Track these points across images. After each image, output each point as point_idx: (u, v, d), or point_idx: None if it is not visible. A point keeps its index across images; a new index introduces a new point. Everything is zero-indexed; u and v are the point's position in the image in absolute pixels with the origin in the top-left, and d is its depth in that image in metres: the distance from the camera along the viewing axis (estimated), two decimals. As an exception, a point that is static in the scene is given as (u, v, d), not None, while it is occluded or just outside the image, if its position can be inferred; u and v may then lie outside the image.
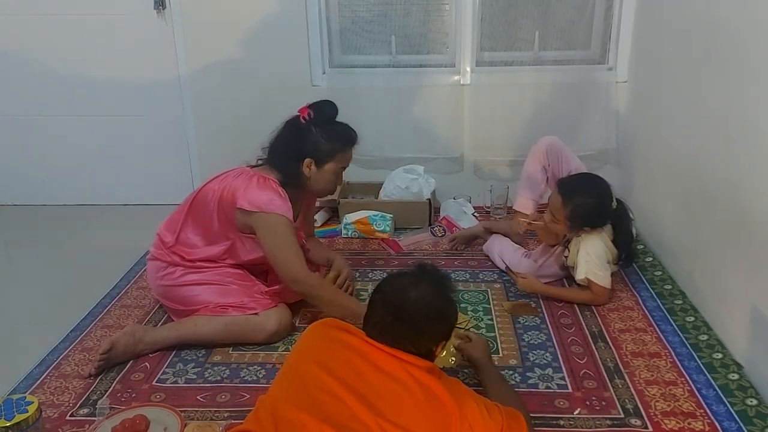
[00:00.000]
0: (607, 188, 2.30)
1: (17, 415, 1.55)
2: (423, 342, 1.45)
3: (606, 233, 2.29)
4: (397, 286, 1.49)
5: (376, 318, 1.45)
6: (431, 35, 3.16)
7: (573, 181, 2.33)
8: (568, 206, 2.24)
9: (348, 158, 2.24)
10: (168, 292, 2.19)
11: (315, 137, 2.15)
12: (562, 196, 2.25)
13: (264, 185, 2.10)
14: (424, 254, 2.77)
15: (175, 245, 2.18)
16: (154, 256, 2.22)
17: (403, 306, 1.43)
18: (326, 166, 2.18)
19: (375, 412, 1.31)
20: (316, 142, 2.15)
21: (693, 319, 2.18)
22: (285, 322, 2.12)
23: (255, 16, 3.06)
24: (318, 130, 2.16)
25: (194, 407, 1.82)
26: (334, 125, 2.21)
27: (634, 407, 1.78)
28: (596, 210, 2.25)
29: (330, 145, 2.17)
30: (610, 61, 3.12)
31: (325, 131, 2.17)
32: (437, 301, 1.47)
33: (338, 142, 2.18)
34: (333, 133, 2.18)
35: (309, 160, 2.15)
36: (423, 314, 1.44)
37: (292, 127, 2.18)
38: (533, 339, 2.13)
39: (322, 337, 1.49)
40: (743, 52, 1.96)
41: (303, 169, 2.16)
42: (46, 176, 3.42)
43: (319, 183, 2.21)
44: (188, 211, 2.19)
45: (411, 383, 1.36)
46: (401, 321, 1.42)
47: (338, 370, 1.38)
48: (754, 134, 1.88)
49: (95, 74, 3.25)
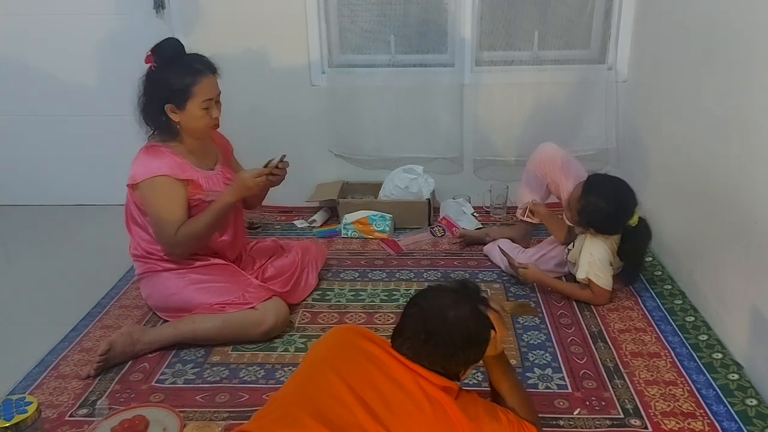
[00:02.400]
0: (630, 202, 2.25)
1: (16, 416, 1.55)
2: (452, 366, 1.43)
3: (614, 240, 2.27)
4: (435, 304, 1.43)
5: (409, 334, 1.42)
6: (431, 35, 3.15)
7: (601, 180, 2.31)
8: (582, 200, 2.22)
9: (207, 88, 2.08)
10: (165, 305, 2.20)
11: (165, 80, 2.05)
12: (584, 188, 2.24)
13: (141, 154, 2.07)
14: (424, 254, 2.77)
15: (142, 254, 2.17)
16: (139, 274, 2.23)
17: (439, 328, 1.39)
18: (187, 104, 2.06)
19: (380, 424, 1.32)
20: (167, 84, 2.05)
21: (693, 319, 2.18)
22: (282, 318, 2.12)
23: (254, 16, 3.06)
24: (165, 73, 2.06)
25: (193, 407, 1.82)
26: (180, 61, 2.08)
27: (634, 407, 1.78)
28: (605, 216, 2.21)
29: (179, 82, 2.04)
30: (609, 60, 3.11)
31: (172, 71, 2.06)
32: (474, 327, 1.42)
33: (186, 76, 2.05)
34: (179, 69, 2.06)
35: (169, 105, 2.05)
36: (458, 340, 1.40)
37: (147, 80, 2.09)
38: (533, 339, 2.13)
39: (345, 344, 1.48)
40: (743, 52, 1.95)
41: (170, 116, 2.07)
42: (46, 176, 3.42)
43: (191, 124, 2.09)
44: (127, 220, 2.19)
45: (420, 397, 1.35)
46: (434, 344, 1.39)
47: (353, 378, 1.38)
48: (753, 134, 1.88)
49: (95, 74, 3.24)
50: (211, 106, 2.11)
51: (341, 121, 3.20)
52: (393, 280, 2.54)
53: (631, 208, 2.24)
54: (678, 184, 2.44)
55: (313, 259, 2.47)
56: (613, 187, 2.27)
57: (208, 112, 2.10)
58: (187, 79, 2.05)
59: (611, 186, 2.28)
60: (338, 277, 2.56)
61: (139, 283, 2.27)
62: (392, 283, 2.52)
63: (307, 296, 2.40)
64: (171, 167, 2.06)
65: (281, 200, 3.27)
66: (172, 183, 2.06)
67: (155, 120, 2.11)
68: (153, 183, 2.04)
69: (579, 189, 2.26)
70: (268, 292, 2.14)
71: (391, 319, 2.25)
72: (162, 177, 2.04)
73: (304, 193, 3.19)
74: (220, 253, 2.24)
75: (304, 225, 3.10)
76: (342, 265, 2.67)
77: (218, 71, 2.13)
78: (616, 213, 2.22)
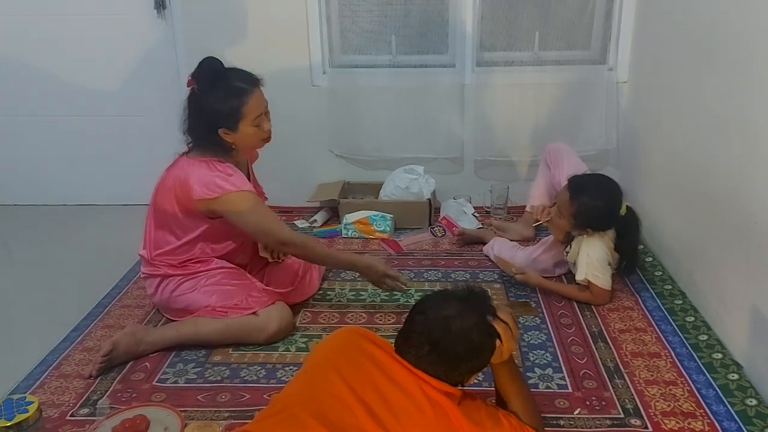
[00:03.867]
0: (618, 193, 2.28)
1: (17, 415, 1.55)
2: (455, 375, 1.42)
3: (609, 237, 2.29)
4: (439, 314, 1.41)
5: (413, 343, 1.41)
6: (431, 35, 3.15)
7: (584, 180, 2.32)
8: (574, 204, 2.23)
9: (255, 104, 2.05)
10: (167, 305, 2.20)
11: (211, 106, 2.02)
12: (570, 192, 2.25)
13: (210, 167, 2.04)
14: (425, 254, 2.77)
15: (155, 256, 2.16)
16: (146, 274, 2.22)
17: (442, 339, 1.38)
18: (240, 125, 2.05)
19: (382, 426, 1.32)
20: (215, 110, 2.03)
21: (693, 319, 2.18)
22: (286, 323, 2.12)
23: (255, 16, 3.06)
24: (210, 97, 2.02)
25: (194, 407, 1.82)
26: (221, 84, 2.03)
27: (634, 407, 1.78)
28: (602, 212, 2.24)
29: (227, 106, 2.02)
30: (610, 61, 3.11)
31: (215, 95, 2.02)
32: (478, 338, 1.41)
33: (232, 99, 2.03)
34: (222, 93, 2.02)
35: (222, 129, 2.04)
36: (462, 351, 1.39)
37: (190, 103, 2.08)
38: (533, 339, 2.13)
39: (349, 346, 1.48)
40: (743, 52, 1.96)
41: (224, 139, 2.06)
42: (46, 176, 3.42)
43: (245, 141, 2.09)
44: (152, 222, 2.17)
45: (422, 400, 1.36)
46: (438, 353, 1.39)
47: (355, 380, 1.38)
48: (754, 134, 1.88)
49: (95, 74, 3.24)
50: (261, 120, 2.09)
51: (342, 122, 3.21)
52: (393, 280, 2.55)
53: (620, 199, 2.28)
54: (678, 184, 2.44)
55: None
56: (598, 183, 2.31)
57: (260, 128, 2.09)
58: (234, 102, 2.03)
59: (596, 182, 2.31)
60: (339, 277, 2.56)
61: (144, 282, 2.27)
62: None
63: (311, 296, 2.40)
64: (248, 186, 2.07)
65: (282, 200, 3.28)
66: (256, 196, 2.09)
67: (211, 140, 2.07)
68: (241, 196, 2.03)
69: (565, 195, 2.26)
70: (271, 297, 2.13)
71: (392, 318, 2.26)
72: (246, 192, 2.04)
73: (305, 193, 3.20)
74: (230, 259, 2.23)
75: (304, 225, 3.10)
76: (342, 265, 2.67)
77: (261, 82, 2.09)
78: (609, 207, 2.25)
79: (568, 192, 2.26)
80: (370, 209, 2.99)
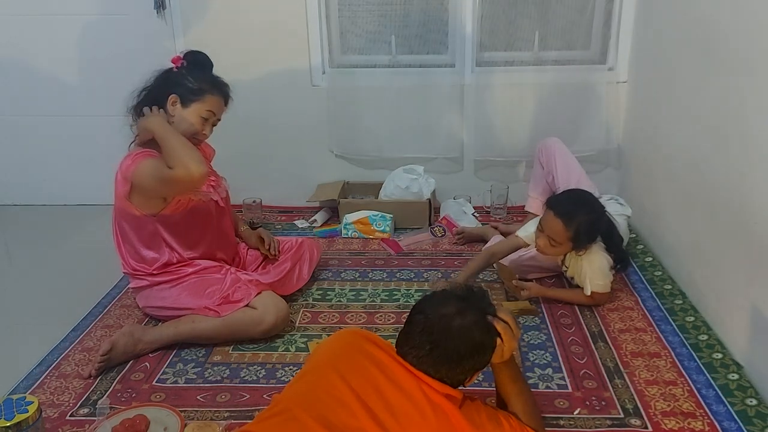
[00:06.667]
0: (596, 199, 2.31)
1: (17, 415, 1.55)
2: (456, 374, 1.42)
3: (599, 245, 2.27)
4: (439, 314, 1.41)
5: (413, 343, 1.41)
6: (431, 35, 3.15)
7: (566, 202, 2.23)
8: (570, 228, 2.16)
9: (217, 104, 2.11)
10: (158, 313, 2.22)
11: (183, 78, 2.08)
12: (561, 219, 2.16)
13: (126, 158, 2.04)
14: (425, 254, 2.77)
15: (133, 269, 2.18)
16: (133, 288, 2.25)
17: (443, 339, 1.39)
18: (192, 105, 2.07)
19: (383, 428, 1.32)
20: (183, 82, 2.07)
21: (693, 319, 2.18)
22: (282, 316, 2.12)
23: (255, 16, 3.06)
24: (188, 73, 2.09)
25: (194, 407, 1.82)
26: (205, 71, 2.13)
27: (634, 407, 1.78)
28: (595, 225, 2.22)
29: (198, 84, 2.08)
30: (610, 61, 3.11)
31: (196, 74, 2.09)
32: (479, 337, 1.41)
33: (206, 83, 2.09)
34: (204, 76, 2.10)
35: (173, 96, 2.06)
36: (462, 350, 1.40)
37: (162, 75, 2.11)
38: (533, 339, 2.13)
39: (351, 347, 1.48)
40: (743, 52, 1.96)
41: (168, 106, 2.06)
42: (46, 176, 3.42)
43: (182, 124, 2.07)
44: (119, 238, 2.18)
45: (424, 403, 1.36)
46: (438, 353, 1.39)
47: (356, 382, 1.38)
48: (754, 135, 1.88)
49: (95, 74, 3.24)
50: (209, 121, 2.13)
51: (342, 122, 3.21)
52: (393, 280, 2.55)
53: (600, 204, 2.28)
54: (678, 184, 2.44)
55: (307, 253, 2.47)
56: (578, 199, 2.27)
57: (203, 124, 2.11)
58: (205, 85, 2.09)
59: (576, 199, 2.26)
60: (339, 277, 2.57)
61: (135, 295, 2.30)
62: (393, 283, 2.52)
63: (298, 289, 2.40)
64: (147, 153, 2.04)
65: (282, 200, 3.28)
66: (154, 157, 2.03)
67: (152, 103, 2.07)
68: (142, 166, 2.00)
69: (557, 224, 2.16)
70: (258, 287, 2.14)
71: (392, 318, 2.26)
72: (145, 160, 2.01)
73: (305, 194, 3.20)
74: (210, 256, 2.23)
75: (304, 225, 3.10)
76: (342, 265, 2.67)
77: (229, 103, 2.17)
78: (599, 214, 2.23)
79: (558, 220, 2.17)
80: (370, 209, 2.99)
